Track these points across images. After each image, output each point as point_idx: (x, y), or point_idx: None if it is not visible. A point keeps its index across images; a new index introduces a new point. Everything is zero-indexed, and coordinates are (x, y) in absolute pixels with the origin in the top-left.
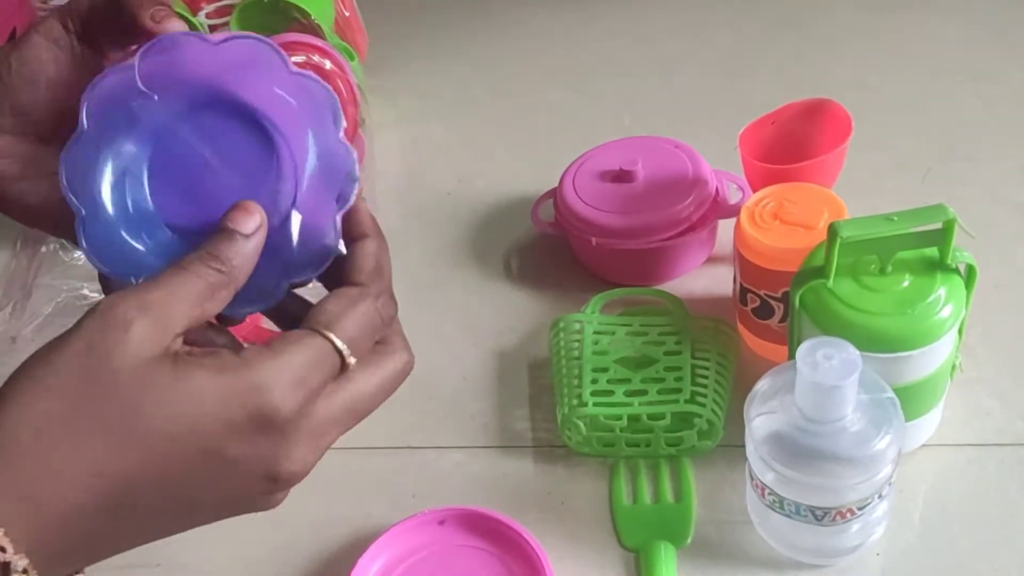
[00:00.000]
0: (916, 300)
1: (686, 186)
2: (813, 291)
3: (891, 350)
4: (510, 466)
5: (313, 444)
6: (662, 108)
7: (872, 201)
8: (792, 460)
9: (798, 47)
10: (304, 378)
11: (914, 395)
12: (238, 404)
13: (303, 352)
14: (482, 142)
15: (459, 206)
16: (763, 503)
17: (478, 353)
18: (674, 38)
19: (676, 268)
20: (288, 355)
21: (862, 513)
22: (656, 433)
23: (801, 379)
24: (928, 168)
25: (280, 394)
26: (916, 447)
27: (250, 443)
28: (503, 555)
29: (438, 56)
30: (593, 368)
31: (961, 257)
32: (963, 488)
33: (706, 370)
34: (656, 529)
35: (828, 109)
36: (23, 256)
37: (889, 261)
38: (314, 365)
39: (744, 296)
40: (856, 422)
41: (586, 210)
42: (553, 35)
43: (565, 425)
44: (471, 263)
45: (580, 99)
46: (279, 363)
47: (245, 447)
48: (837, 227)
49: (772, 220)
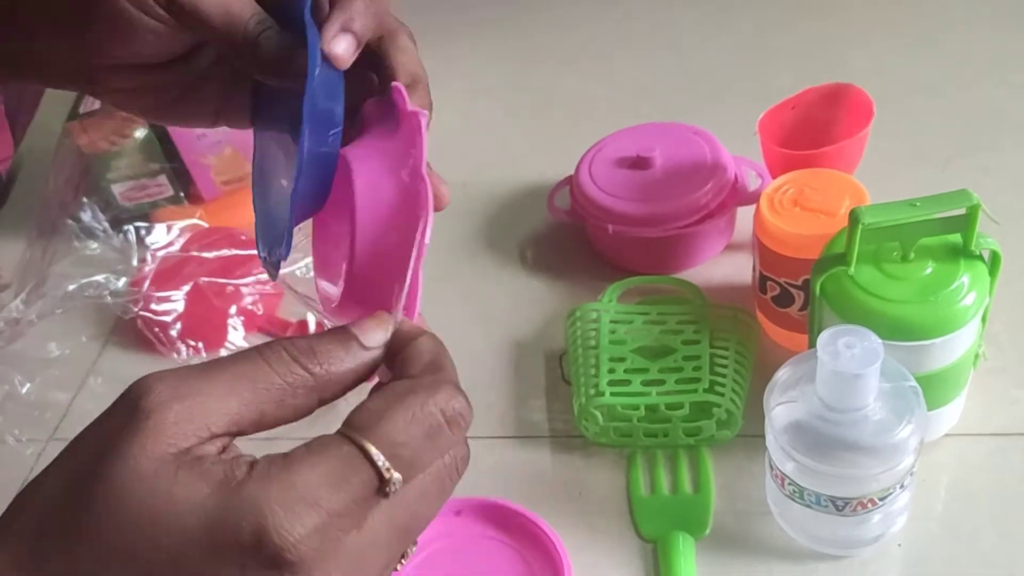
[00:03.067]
0: (939, 287)
1: (704, 173)
2: (834, 278)
3: (913, 338)
4: (527, 457)
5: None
6: (680, 94)
7: (894, 187)
8: (813, 450)
9: (819, 32)
10: (320, 498)
11: (937, 384)
12: (230, 530)
13: (324, 464)
14: (497, 131)
15: (474, 196)
16: (783, 493)
17: (494, 343)
18: (692, 22)
19: (694, 256)
20: (303, 467)
21: (883, 503)
22: (674, 423)
23: (822, 368)
24: (950, 154)
25: (283, 519)
26: (938, 436)
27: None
28: (520, 546)
29: (452, 44)
30: (610, 357)
31: (985, 244)
32: (986, 478)
33: (725, 359)
34: (674, 520)
35: (849, 94)
36: (38, 245)
37: (912, 248)
38: (336, 481)
39: (764, 284)
40: (878, 411)
41: (603, 198)
42: (569, 21)
43: (582, 415)
44: (487, 253)
45: (596, 85)
46: (289, 478)
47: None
48: (859, 213)
49: (792, 207)
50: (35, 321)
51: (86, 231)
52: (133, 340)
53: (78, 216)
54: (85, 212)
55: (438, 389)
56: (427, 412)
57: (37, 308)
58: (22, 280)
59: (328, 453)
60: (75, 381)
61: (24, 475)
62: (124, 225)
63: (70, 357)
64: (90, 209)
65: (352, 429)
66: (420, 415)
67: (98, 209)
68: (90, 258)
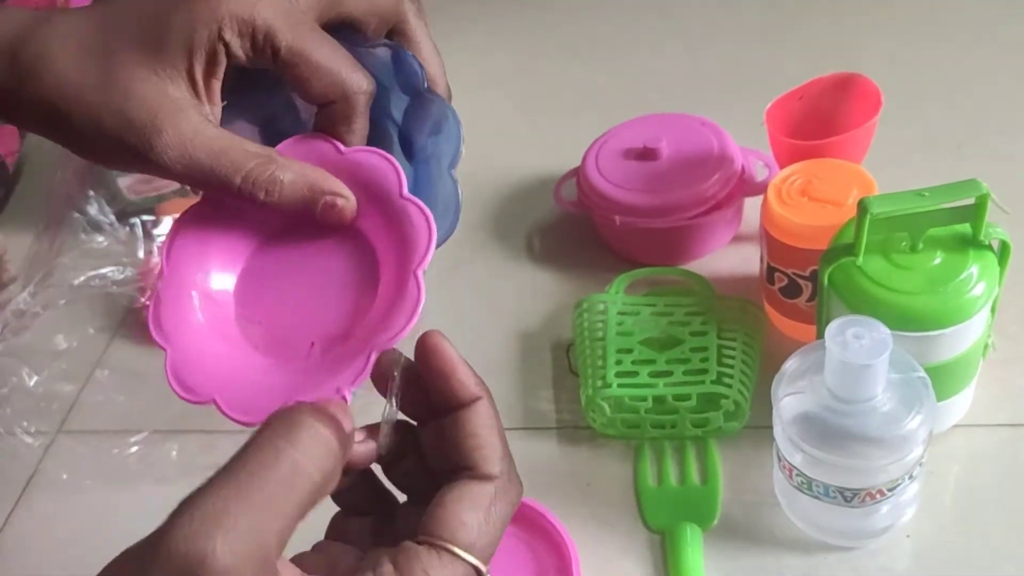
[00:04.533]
0: (948, 278)
1: (711, 163)
2: (842, 269)
3: (922, 329)
4: (534, 448)
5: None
6: (687, 84)
7: (903, 177)
8: (821, 441)
9: (827, 21)
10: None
11: (946, 374)
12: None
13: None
14: (504, 122)
15: (481, 186)
16: (791, 484)
17: (501, 335)
18: (699, 12)
19: (702, 247)
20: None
21: (892, 494)
22: (682, 414)
23: (831, 358)
24: (959, 143)
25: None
26: (947, 427)
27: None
28: (527, 536)
29: (458, 33)
30: (617, 349)
31: (994, 233)
32: (995, 469)
33: (732, 350)
34: (682, 511)
35: (857, 83)
36: (45, 238)
37: (920, 238)
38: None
39: (771, 275)
40: (886, 402)
41: (610, 189)
42: (576, 12)
43: (589, 406)
44: (493, 244)
45: (603, 76)
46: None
47: None
48: (867, 203)
49: (800, 197)
50: (41, 313)
51: (93, 224)
52: (140, 332)
53: (85, 209)
54: (92, 205)
55: (515, 489)
56: (507, 512)
57: (44, 300)
58: (29, 273)
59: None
60: (83, 373)
61: (32, 467)
62: (130, 218)
63: (77, 349)
64: (96, 202)
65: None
66: (504, 521)
67: (104, 202)
68: (97, 251)
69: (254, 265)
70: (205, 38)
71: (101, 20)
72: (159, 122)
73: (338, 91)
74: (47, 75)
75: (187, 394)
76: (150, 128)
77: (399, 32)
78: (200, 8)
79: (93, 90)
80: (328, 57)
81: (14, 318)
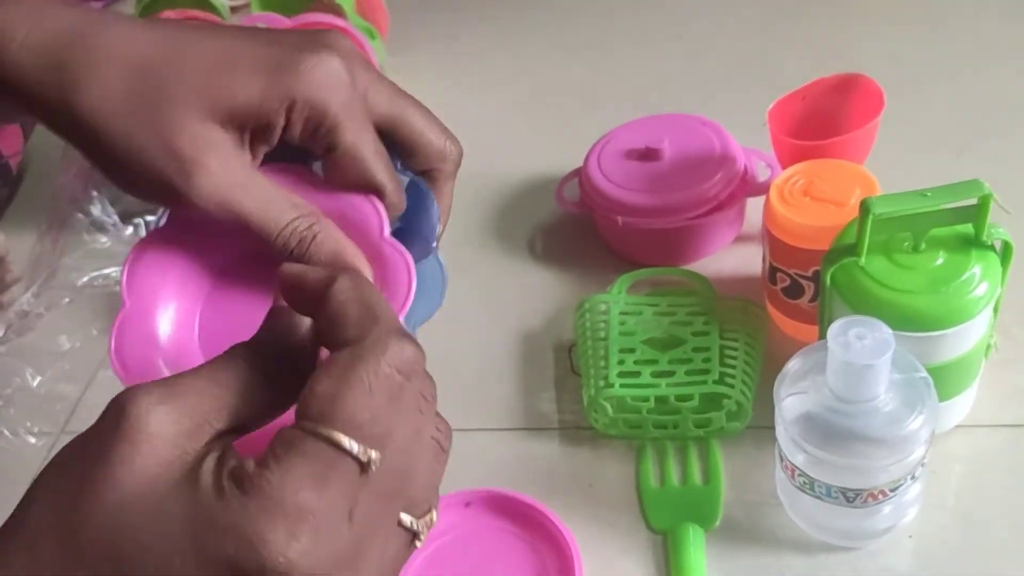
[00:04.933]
0: (950, 278)
1: (714, 164)
2: (844, 269)
3: (924, 329)
4: (536, 448)
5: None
6: (689, 84)
7: (905, 177)
8: (823, 441)
9: (829, 21)
10: (305, 507)
11: (948, 375)
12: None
13: (298, 467)
14: (505, 121)
15: (482, 187)
16: (793, 485)
17: (503, 335)
18: (701, 13)
19: (704, 247)
20: (278, 479)
21: (894, 495)
22: (684, 415)
23: (833, 359)
24: (961, 144)
25: (275, 546)
26: (950, 428)
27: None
28: (529, 537)
29: (460, 35)
30: (620, 349)
31: (997, 234)
32: (998, 470)
33: (735, 351)
34: (684, 511)
35: (859, 84)
36: (48, 239)
37: (923, 238)
38: (317, 483)
39: (773, 275)
40: (889, 402)
41: (612, 189)
42: (577, 11)
43: (591, 407)
44: (495, 244)
45: (605, 76)
46: (268, 495)
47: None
48: (869, 203)
49: (802, 197)
50: (44, 314)
51: (96, 224)
52: None
53: (88, 210)
54: (95, 206)
55: (384, 348)
56: (382, 378)
57: (47, 301)
58: (32, 274)
59: (297, 454)
60: (86, 374)
61: (35, 468)
62: (134, 218)
63: (80, 350)
64: (100, 203)
65: (311, 420)
66: (376, 384)
67: (108, 203)
68: (100, 251)
69: (220, 290)
70: (271, 111)
71: (163, 46)
72: (205, 158)
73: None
74: (94, 90)
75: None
76: (192, 163)
77: (431, 178)
78: (276, 78)
79: (139, 119)
80: (376, 164)
81: (17, 319)
